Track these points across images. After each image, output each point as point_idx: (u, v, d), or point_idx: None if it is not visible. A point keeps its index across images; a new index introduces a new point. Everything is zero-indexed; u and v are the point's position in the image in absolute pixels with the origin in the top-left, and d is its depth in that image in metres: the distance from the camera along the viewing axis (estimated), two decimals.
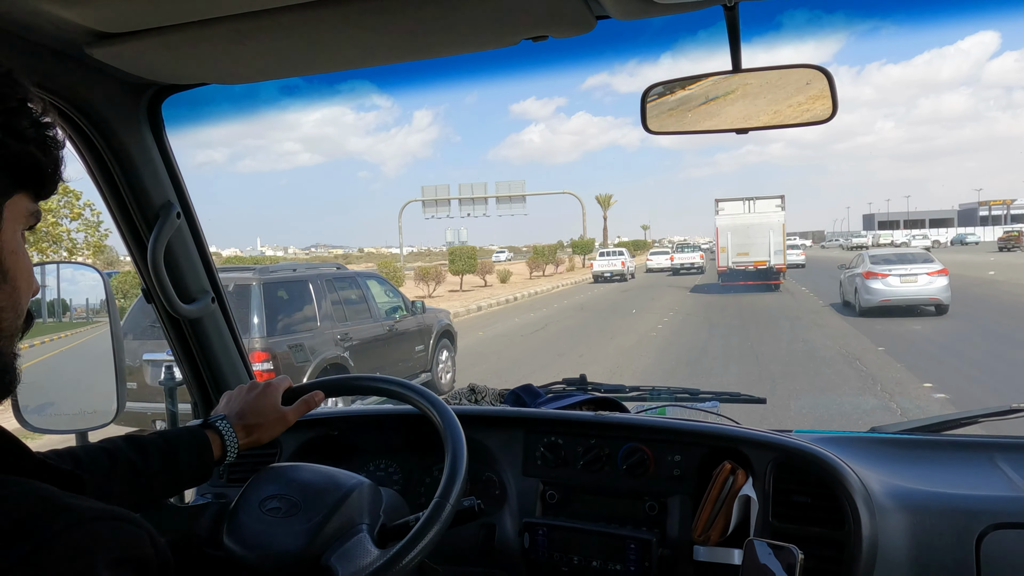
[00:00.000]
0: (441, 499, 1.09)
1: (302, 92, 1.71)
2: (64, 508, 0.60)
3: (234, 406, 1.23)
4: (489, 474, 1.60)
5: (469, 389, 1.95)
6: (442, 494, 1.10)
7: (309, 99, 1.86)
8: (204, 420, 1.22)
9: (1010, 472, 1.37)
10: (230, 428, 1.18)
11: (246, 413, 1.22)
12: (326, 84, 1.59)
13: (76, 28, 1.16)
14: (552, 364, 10.73)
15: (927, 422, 1.61)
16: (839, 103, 1.30)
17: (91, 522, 0.60)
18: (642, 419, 1.61)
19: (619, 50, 1.41)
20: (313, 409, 1.28)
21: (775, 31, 2.00)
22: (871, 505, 1.26)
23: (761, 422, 1.66)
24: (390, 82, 1.61)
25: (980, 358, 10.21)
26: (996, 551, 1.20)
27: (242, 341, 1.80)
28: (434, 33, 1.22)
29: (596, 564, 1.43)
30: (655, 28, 1.25)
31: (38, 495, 0.61)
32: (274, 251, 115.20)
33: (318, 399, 1.28)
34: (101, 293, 1.52)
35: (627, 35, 1.25)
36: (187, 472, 1.14)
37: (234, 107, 1.69)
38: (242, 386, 1.28)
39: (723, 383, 9.01)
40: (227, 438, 1.17)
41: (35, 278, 0.73)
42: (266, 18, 1.13)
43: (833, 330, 13.75)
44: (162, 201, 1.54)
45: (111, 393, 1.45)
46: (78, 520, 0.60)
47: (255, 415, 1.21)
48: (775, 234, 22.94)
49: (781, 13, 1.68)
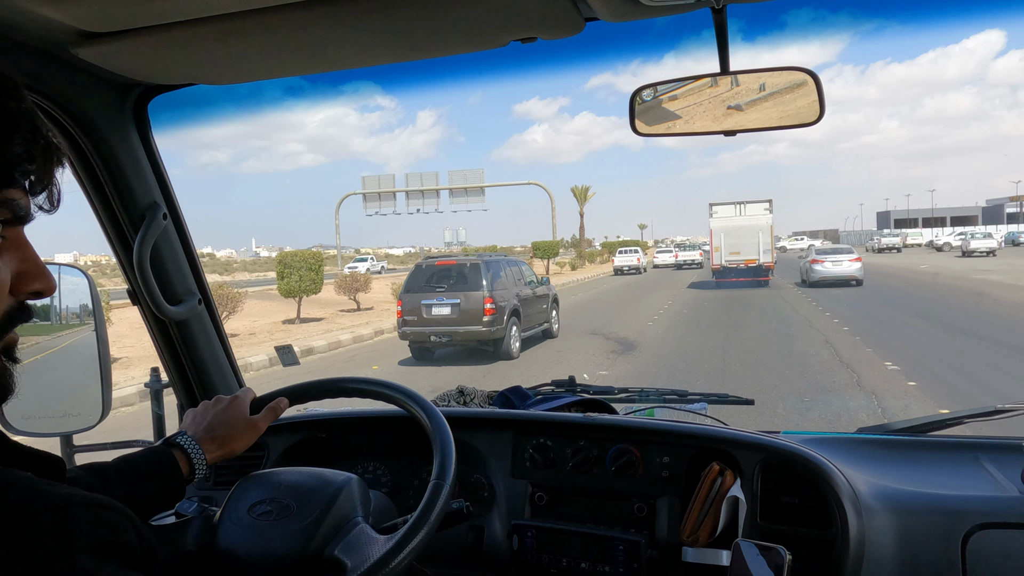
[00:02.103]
0: (438, 480, 1.08)
1: (304, 92, 1.70)
2: (40, 495, 0.59)
3: (200, 420, 1.21)
4: (478, 476, 1.60)
5: (458, 391, 1.95)
6: (439, 475, 1.08)
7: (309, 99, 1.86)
8: (166, 439, 1.19)
9: (995, 472, 1.38)
10: (194, 444, 1.15)
11: (215, 426, 1.20)
12: (328, 84, 1.58)
13: (61, 27, 1.15)
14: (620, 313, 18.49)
15: (913, 423, 1.63)
16: (826, 105, 1.30)
17: (68, 508, 0.59)
18: (631, 420, 1.61)
19: (608, 52, 1.42)
20: (280, 415, 1.27)
21: (779, 31, 2.01)
22: (858, 506, 1.27)
23: (749, 423, 1.66)
24: (387, 81, 1.61)
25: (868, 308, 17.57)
26: (982, 551, 1.21)
27: (229, 342, 1.79)
28: (422, 34, 1.22)
29: (585, 566, 1.43)
30: (646, 31, 1.25)
31: (13, 482, 0.60)
32: (269, 251, 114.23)
33: (283, 406, 1.27)
34: (86, 295, 1.51)
35: (616, 37, 1.26)
36: (156, 495, 1.10)
37: (235, 106, 1.68)
38: (206, 402, 1.26)
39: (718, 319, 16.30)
40: (193, 454, 1.14)
41: (6, 275, 0.67)
42: (253, 18, 1.12)
43: (790, 294, 22.40)
44: (148, 202, 1.53)
45: (96, 396, 1.44)
46: (55, 506, 0.59)
47: (225, 427, 1.20)
48: (764, 235, 25.69)
49: (786, 13, 1.69)
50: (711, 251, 27.40)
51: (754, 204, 26.47)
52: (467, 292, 11.77)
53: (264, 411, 1.25)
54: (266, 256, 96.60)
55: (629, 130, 1.37)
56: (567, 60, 1.43)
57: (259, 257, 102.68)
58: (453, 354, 12.61)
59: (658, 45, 1.66)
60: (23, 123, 0.66)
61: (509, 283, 12.54)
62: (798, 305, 18.57)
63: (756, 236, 25.57)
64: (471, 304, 11.66)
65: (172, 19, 1.13)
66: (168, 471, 1.11)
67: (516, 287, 12.74)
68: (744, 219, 26.12)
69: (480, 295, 11.62)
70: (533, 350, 12.76)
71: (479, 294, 11.66)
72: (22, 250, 0.70)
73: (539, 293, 13.69)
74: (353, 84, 1.66)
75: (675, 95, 1.36)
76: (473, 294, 11.71)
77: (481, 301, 11.61)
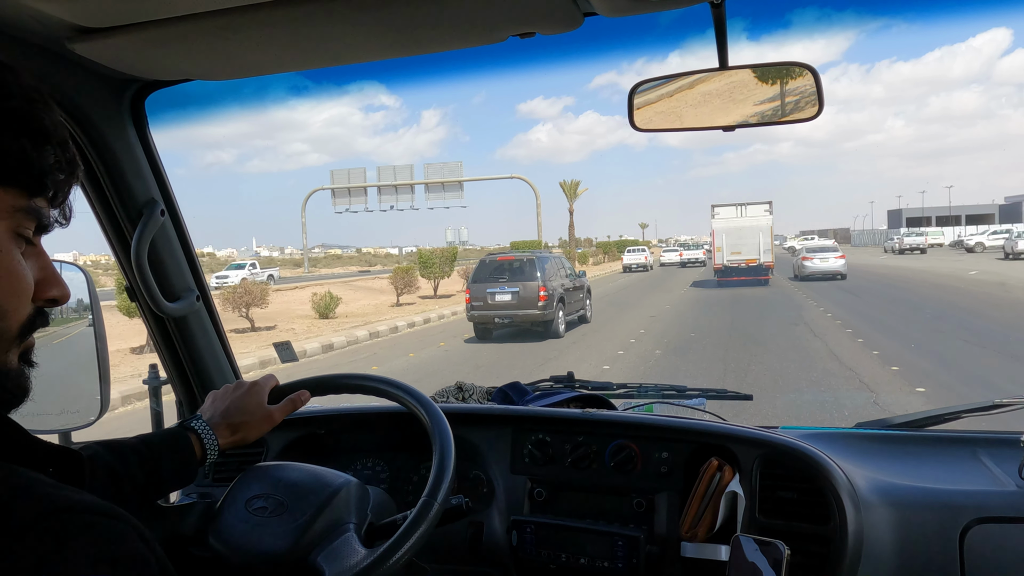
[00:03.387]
0: (428, 498, 1.08)
1: (307, 91, 1.71)
2: (39, 497, 0.57)
3: (219, 405, 1.23)
4: (477, 472, 1.60)
5: (457, 387, 1.95)
6: (429, 493, 1.09)
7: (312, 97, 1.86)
8: (182, 422, 1.21)
9: (993, 467, 1.39)
10: (208, 428, 1.18)
11: (231, 411, 1.21)
12: (331, 83, 1.59)
13: (57, 23, 1.15)
14: (640, 300, 22.19)
15: (911, 418, 1.63)
16: (825, 101, 1.30)
17: (64, 512, 0.57)
18: (630, 416, 1.62)
19: (608, 48, 1.41)
20: (300, 408, 1.28)
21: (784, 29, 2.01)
22: (856, 500, 1.27)
23: (747, 419, 1.66)
24: (390, 79, 1.61)
25: (844, 299, 19.11)
26: (979, 545, 1.22)
27: (227, 339, 1.79)
28: (419, 29, 1.21)
29: (584, 561, 1.43)
30: (646, 27, 1.25)
31: (13, 481, 0.59)
32: (269, 251, 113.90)
33: (304, 399, 1.28)
34: (84, 291, 1.51)
35: (616, 33, 1.25)
36: (169, 475, 1.13)
37: (238, 103, 1.67)
38: (227, 385, 1.27)
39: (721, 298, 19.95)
40: (206, 438, 1.16)
41: (28, 281, 0.69)
42: (251, 13, 1.11)
43: (785, 286, 24.98)
44: (146, 198, 1.52)
45: (95, 393, 1.44)
46: (51, 510, 0.56)
47: (241, 413, 1.21)
48: (764, 235, 27.22)
49: (791, 11, 1.69)
50: (713, 251, 28.77)
51: (754, 206, 28.03)
52: (524, 282, 14.42)
53: (283, 402, 1.26)
54: (266, 256, 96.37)
55: (633, 129, 1.37)
56: (567, 56, 1.43)
57: (260, 256, 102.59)
58: (507, 335, 15.05)
59: (660, 42, 1.66)
60: (56, 135, 0.69)
61: (555, 275, 15.18)
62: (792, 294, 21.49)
63: (757, 236, 27.02)
64: (528, 292, 14.31)
65: (169, 14, 1.13)
66: (182, 452, 1.14)
67: (560, 278, 15.34)
68: (745, 220, 27.62)
69: (536, 284, 14.28)
70: (573, 332, 15.11)
71: (535, 283, 14.27)
72: (42, 258, 0.72)
73: (576, 284, 16.41)
74: (357, 83, 1.68)
75: (673, 90, 1.36)
76: (530, 283, 14.34)
77: (536, 289, 14.21)
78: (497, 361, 11.95)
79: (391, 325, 17.57)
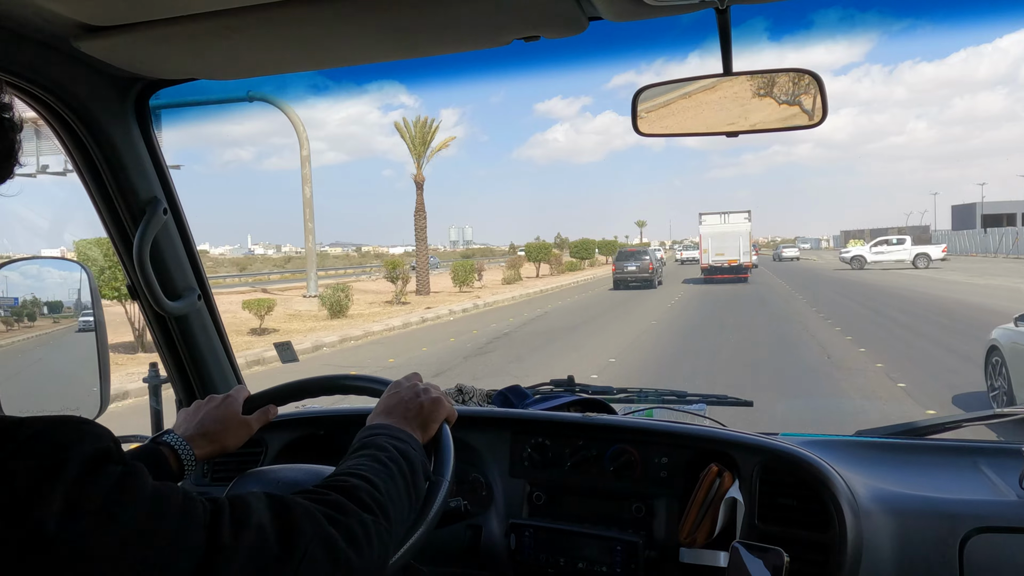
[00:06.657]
0: (437, 476, 1.07)
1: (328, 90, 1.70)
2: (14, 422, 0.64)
3: (192, 418, 1.24)
4: (476, 475, 1.59)
5: (456, 389, 1.95)
6: (435, 471, 1.08)
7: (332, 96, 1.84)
8: (154, 437, 1.21)
9: (993, 476, 1.38)
10: (182, 441, 1.18)
11: (206, 422, 1.22)
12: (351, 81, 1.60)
13: (63, 20, 1.15)
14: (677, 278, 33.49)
15: (912, 426, 1.63)
16: (828, 108, 1.30)
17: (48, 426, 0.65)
18: (629, 421, 1.61)
19: (615, 52, 1.41)
20: (271, 419, 1.30)
21: (806, 30, 2.00)
22: (856, 508, 1.27)
23: (748, 425, 1.66)
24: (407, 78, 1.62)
25: (796, 273, 31.00)
26: (979, 554, 1.21)
27: (228, 338, 1.79)
28: (425, 32, 1.21)
29: (582, 565, 1.43)
30: (650, 32, 1.24)
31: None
32: (264, 249, 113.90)
33: (271, 413, 1.29)
34: (86, 289, 1.51)
35: (623, 37, 1.25)
36: None
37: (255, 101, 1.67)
38: (199, 401, 1.29)
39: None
40: (181, 451, 1.17)
41: None
42: (255, 13, 1.12)
43: (765, 267, 38.81)
44: (148, 197, 1.52)
45: (95, 390, 1.44)
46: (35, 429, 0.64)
47: (216, 423, 1.22)
48: (743, 239, 32.51)
49: (814, 12, 1.68)
50: (700, 253, 33.92)
51: (736, 214, 33.56)
52: (641, 260, 28.44)
53: (257, 413, 1.28)
54: (261, 254, 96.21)
55: (637, 134, 1.38)
56: (574, 59, 1.43)
57: (254, 254, 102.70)
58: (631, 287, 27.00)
59: (670, 46, 1.66)
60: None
61: (653, 258, 28.90)
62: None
63: (737, 240, 32.10)
64: (643, 265, 28.12)
65: (174, 13, 1.13)
66: (156, 467, 1.13)
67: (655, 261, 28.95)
68: (728, 226, 32.86)
69: (647, 260, 28.21)
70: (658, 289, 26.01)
71: (647, 261, 28.19)
72: None
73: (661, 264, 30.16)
74: (376, 82, 1.68)
75: (678, 96, 1.35)
76: (644, 260, 28.34)
77: (648, 263, 27.98)
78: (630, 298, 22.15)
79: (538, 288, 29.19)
